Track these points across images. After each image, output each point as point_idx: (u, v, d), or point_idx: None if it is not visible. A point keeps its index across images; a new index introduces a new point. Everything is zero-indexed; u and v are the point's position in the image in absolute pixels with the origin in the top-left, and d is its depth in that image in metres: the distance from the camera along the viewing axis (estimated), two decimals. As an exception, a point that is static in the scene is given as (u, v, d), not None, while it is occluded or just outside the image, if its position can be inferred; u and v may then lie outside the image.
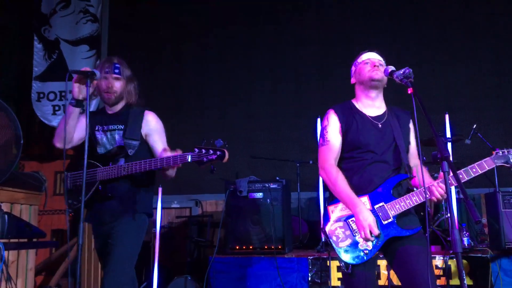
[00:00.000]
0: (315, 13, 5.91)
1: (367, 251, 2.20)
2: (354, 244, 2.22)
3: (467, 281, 3.69)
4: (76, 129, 2.62)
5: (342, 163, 2.38)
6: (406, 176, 2.30)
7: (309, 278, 3.91)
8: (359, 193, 2.27)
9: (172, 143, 2.68)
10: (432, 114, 2.36)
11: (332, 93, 5.37)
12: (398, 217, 2.23)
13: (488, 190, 4.44)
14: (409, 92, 2.13)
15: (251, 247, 4.15)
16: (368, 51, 2.47)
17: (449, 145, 4.20)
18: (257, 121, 5.76)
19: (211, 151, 2.26)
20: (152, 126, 2.66)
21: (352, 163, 2.34)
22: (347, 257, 2.21)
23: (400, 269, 2.23)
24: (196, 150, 2.29)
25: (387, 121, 2.38)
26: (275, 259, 3.97)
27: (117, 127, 2.64)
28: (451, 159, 1.89)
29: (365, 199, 2.26)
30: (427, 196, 2.20)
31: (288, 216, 4.35)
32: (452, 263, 3.75)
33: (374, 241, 2.19)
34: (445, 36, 5.59)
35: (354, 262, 2.20)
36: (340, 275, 3.85)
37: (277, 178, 4.37)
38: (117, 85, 2.63)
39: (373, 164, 2.30)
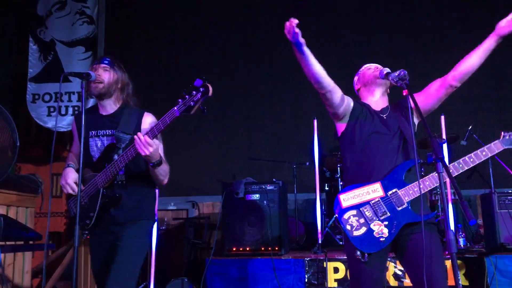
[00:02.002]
0: (313, 15, 5.93)
1: (383, 239, 2.17)
2: (369, 232, 2.19)
3: (463, 281, 3.70)
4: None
5: (351, 153, 2.39)
6: (417, 161, 2.25)
7: (306, 280, 3.91)
8: (371, 180, 2.27)
9: (170, 143, 2.65)
10: (427, 116, 2.39)
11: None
12: (412, 202, 2.22)
13: (483, 191, 4.47)
14: (404, 94, 2.15)
15: (248, 249, 4.15)
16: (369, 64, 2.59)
17: (445, 146, 4.22)
18: (254, 122, 5.77)
19: (194, 92, 2.19)
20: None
21: (361, 152, 2.33)
22: (363, 246, 2.18)
23: (407, 263, 2.24)
24: (180, 100, 2.21)
25: (390, 113, 2.42)
26: (272, 261, 3.97)
27: (112, 132, 2.53)
28: (445, 161, 1.90)
29: (377, 186, 2.24)
30: (422, 191, 2.21)
31: (284, 217, 4.36)
32: (448, 264, 3.76)
33: (390, 228, 2.17)
34: (441, 37, 5.61)
35: (370, 251, 2.18)
36: (336, 276, 3.86)
37: (274, 179, 4.37)
38: (105, 75, 2.52)
39: (382, 152, 2.30)
